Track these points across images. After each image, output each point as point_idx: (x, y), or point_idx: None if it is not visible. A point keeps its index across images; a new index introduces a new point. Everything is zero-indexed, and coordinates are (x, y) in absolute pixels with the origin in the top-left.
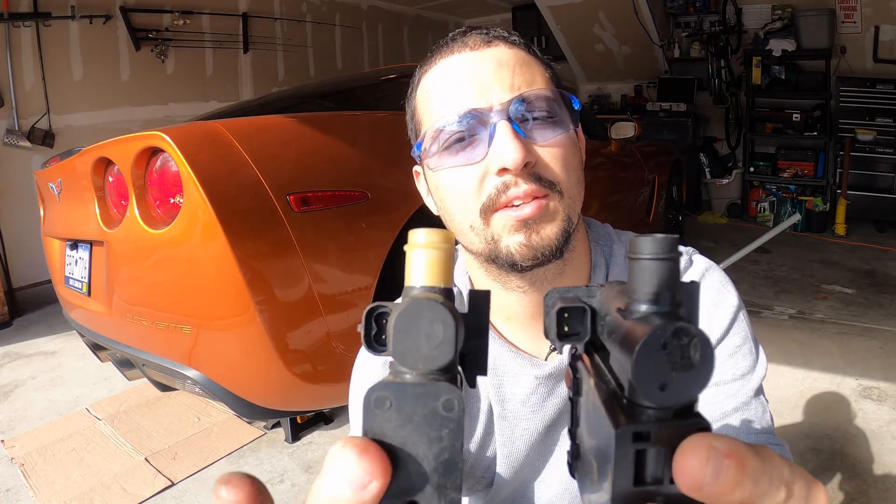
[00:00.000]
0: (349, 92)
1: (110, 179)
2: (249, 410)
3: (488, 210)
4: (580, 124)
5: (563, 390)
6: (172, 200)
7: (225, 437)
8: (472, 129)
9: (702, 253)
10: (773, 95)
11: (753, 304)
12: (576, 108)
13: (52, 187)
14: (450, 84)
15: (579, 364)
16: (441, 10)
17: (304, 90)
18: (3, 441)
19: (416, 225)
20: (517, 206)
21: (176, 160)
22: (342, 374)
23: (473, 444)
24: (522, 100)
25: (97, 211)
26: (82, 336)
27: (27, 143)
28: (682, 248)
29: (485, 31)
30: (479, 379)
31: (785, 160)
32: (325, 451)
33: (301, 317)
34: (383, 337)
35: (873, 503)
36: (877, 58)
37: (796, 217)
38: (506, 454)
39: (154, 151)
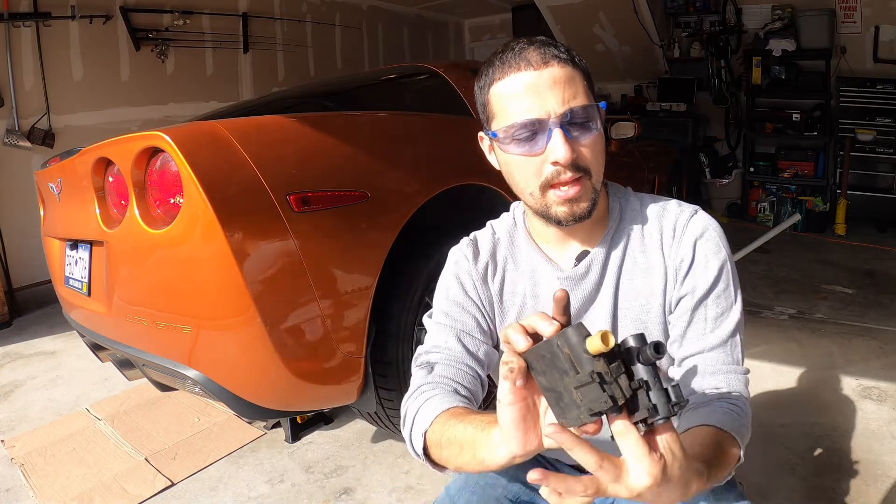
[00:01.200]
0: (349, 92)
1: (110, 179)
2: (249, 410)
3: (544, 187)
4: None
5: (578, 293)
6: (172, 200)
7: (225, 437)
8: (534, 131)
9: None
10: (773, 95)
11: (753, 304)
12: (602, 107)
13: (52, 187)
14: (518, 96)
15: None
16: (441, 10)
17: (304, 90)
18: (3, 441)
19: (415, 225)
20: (564, 188)
21: (176, 160)
22: (342, 374)
23: (502, 319)
24: (570, 112)
25: (97, 211)
26: (82, 336)
27: (27, 143)
28: (686, 206)
29: (542, 50)
30: (518, 279)
31: (785, 160)
32: (325, 451)
33: (301, 317)
34: None
35: (873, 503)
36: (877, 58)
37: (796, 217)
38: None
39: (154, 151)
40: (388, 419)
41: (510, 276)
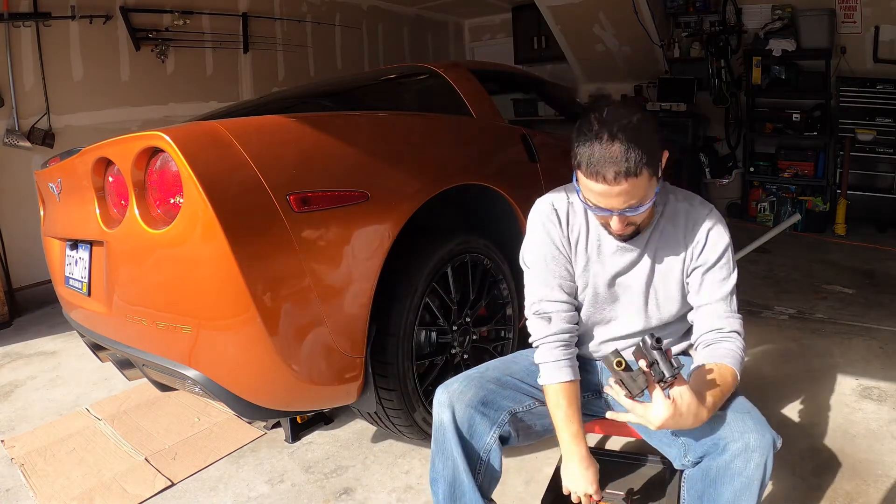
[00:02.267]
0: (349, 92)
1: (110, 179)
2: (249, 410)
3: (605, 225)
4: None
5: (627, 257)
6: (172, 200)
7: (225, 437)
8: (602, 210)
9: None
10: (773, 95)
11: (753, 304)
12: (657, 192)
13: (52, 187)
14: (594, 193)
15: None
16: (441, 10)
17: (304, 90)
18: (3, 441)
19: (415, 225)
20: (615, 231)
21: (176, 160)
22: (342, 374)
23: (578, 273)
24: (628, 208)
25: (97, 211)
26: (82, 336)
27: (27, 143)
28: (704, 205)
29: (617, 168)
30: (590, 242)
31: (785, 160)
32: (325, 451)
33: (301, 317)
34: None
35: (873, 503)
36: (877, 58)
37: (796, 217)
38: (592, 284)
39: (154, 151)
40: (388, 419)
41: (582, 239)
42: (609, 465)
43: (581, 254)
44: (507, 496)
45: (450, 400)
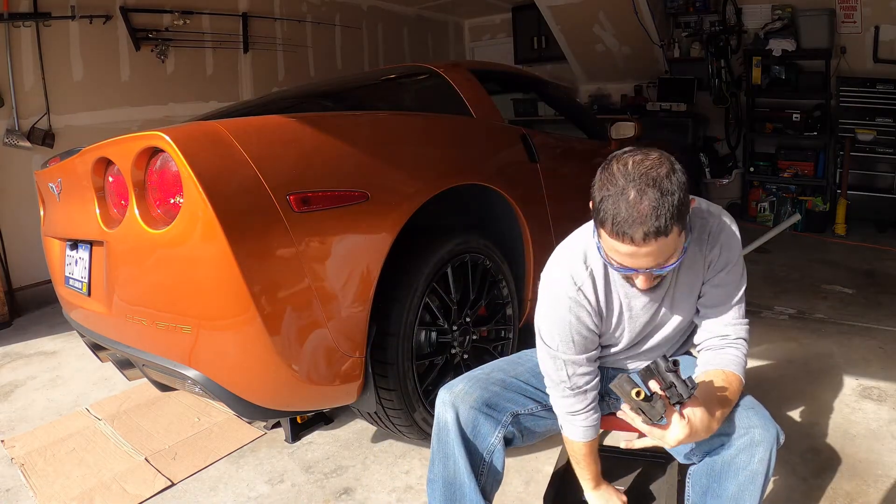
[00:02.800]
0: (349, 92)
1: (110, 179)
2: (249, 410)
3: (629, 280)
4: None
5: (656, 302)
6: (172, 200)
7: (225, 437)
8: (628, 269)
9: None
10: (773, 95)
11: (753, 304)
12: (685, 249)
13: (52, 187)
14: (620, 254)
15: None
16: (441, 10)
17: (304, 90)
18: (3, 441)
19: (416, 225)
20: (641, 284)
21: (176, 160)
22: (342, 374)
23: (609, 331)
24: (656, 266)
25: (97, 211)
26: (82, 336)
27: (27, 143)
28: (715, 215)
29: (646, 227)
30: (615, 301)
31: (785, 160)
32: (325, 451)
33: (301, 317)
34: None
35: (873, 503)
36: (877, 58)
37: (796, 217)
38: (627, 333)
39: (154, 151)
40: (388, 419)
41: (610, 301)
42: (613, 462)
43: (610, 314)
44: (507, 496)
45: (454, 401)
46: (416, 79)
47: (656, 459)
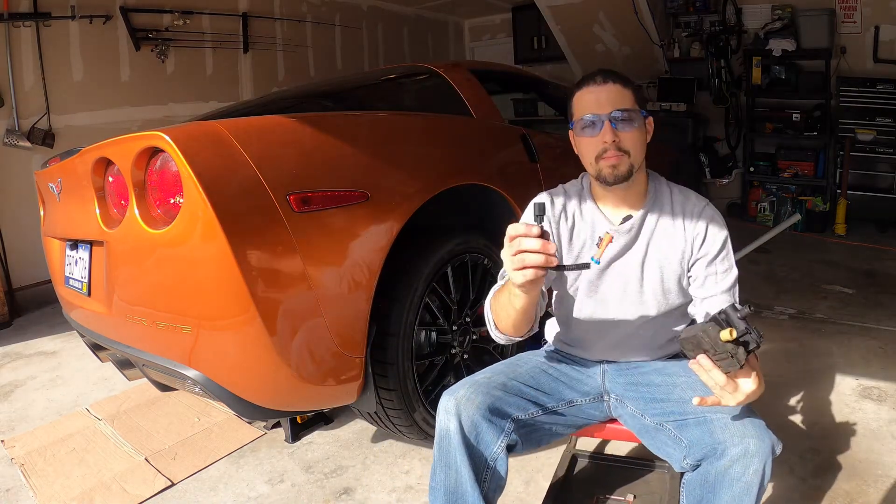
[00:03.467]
0: (349, 92)
1: (110, 179)
2: (249, 410)
3: (598, 157)
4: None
5: (620, 241)
6: (172, 200)
7: (225, 437)
8: (594, 123)
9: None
10: (773, 95)
11: (753, 304)
12: (643, 115)
13: (52, 187)
14: (586, 101)
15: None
16: (441, 10)
17: (304, 90)
18: (3, 441)
19: (416, 224)
20: (609, 159)
21: (176, 160)
22: (342, 374)
23: (574, 256)
24: (617, 112)
25: (97, 211)
26: (82, 336)
27: (27, 143)
28: (702, 198)
29: (603, 73)
30: (583, 227)
31: (785, 160)
32: (325, 451)
33: (301, 317)
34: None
35: (873, 503)
36: (877, 58)
37: (796, 217)
38: (589, 286)
39: (154, 151)
40: (388, 419)
41: (577, 224)
42: (612, 471)
43: (575, 239)
44: (508, 496)
45: (457, 407)
46: (416, 79)
47: (656, 468)
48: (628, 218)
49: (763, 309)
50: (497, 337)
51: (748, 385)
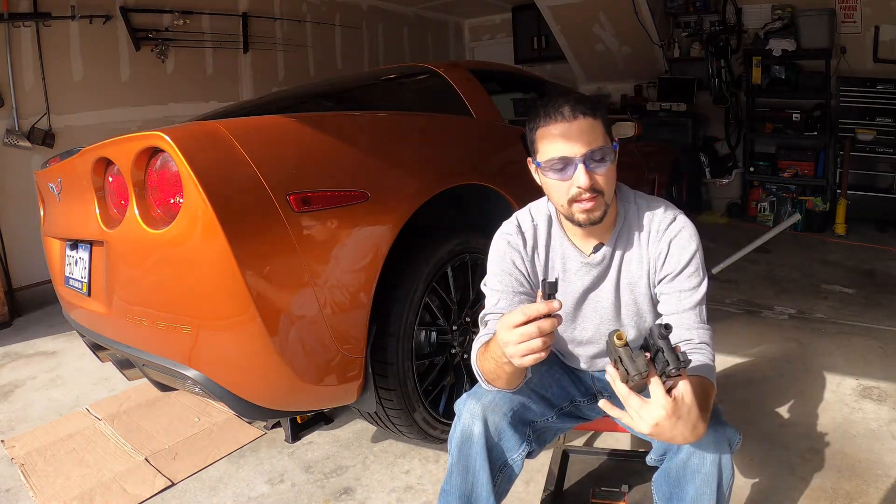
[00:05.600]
0: (349, 92)
1: (110, 179)
2: (249, 410)
3: (571, 201)
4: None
5: (594, 272)
6: (172, 200)
7: (225, 437)
8: (565, 164)
9: (688, 217)
10: (773, 95)
11: (753, 304)
12: (614, 148)
13: (52, 187)
14: (554, 139)
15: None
16: (441, 10)
17: (304, 90)
18: (3, 441)
19: (415, 224)
20: (583, 203)
21: (176, 160)
22: (342, 374)
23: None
24: (591, 152)
25: (97, 211)
26: (82, 336)
27: (27, 143)
28: (670, 211)
29: (571, 107)
30: (555, 259)
31: (785, 160)
32: (325, 451)
33: (301, 316)
34: None
35: (873, 503)
36: (877, 58)
37: (796, 217)
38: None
39: (154, 151)
40: (388, 419)
41: (550, 258)
42: (603, 464)
43: (550, 274)
44: (507, 496)
45: (483, 411)
46: (416, 79)
47: (644, 459)
48: (599, 247)
49: (763, 309)
50: (489, 389)
51: (653, 411)
